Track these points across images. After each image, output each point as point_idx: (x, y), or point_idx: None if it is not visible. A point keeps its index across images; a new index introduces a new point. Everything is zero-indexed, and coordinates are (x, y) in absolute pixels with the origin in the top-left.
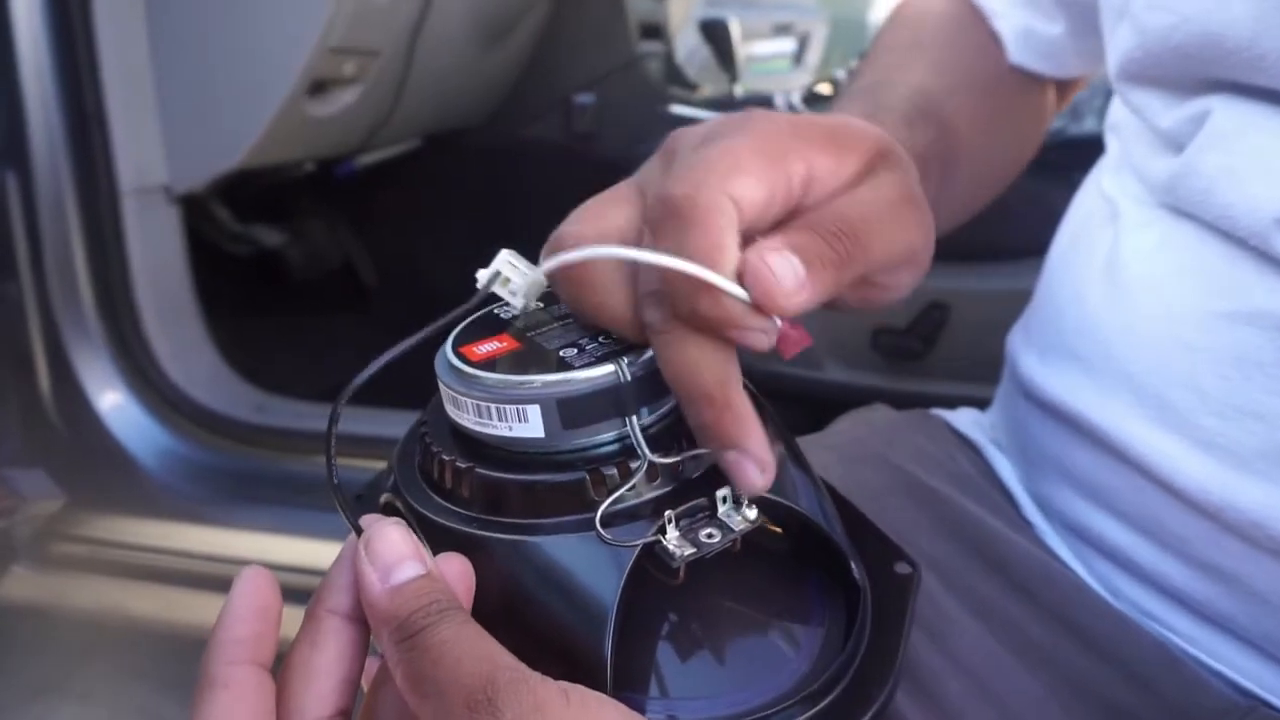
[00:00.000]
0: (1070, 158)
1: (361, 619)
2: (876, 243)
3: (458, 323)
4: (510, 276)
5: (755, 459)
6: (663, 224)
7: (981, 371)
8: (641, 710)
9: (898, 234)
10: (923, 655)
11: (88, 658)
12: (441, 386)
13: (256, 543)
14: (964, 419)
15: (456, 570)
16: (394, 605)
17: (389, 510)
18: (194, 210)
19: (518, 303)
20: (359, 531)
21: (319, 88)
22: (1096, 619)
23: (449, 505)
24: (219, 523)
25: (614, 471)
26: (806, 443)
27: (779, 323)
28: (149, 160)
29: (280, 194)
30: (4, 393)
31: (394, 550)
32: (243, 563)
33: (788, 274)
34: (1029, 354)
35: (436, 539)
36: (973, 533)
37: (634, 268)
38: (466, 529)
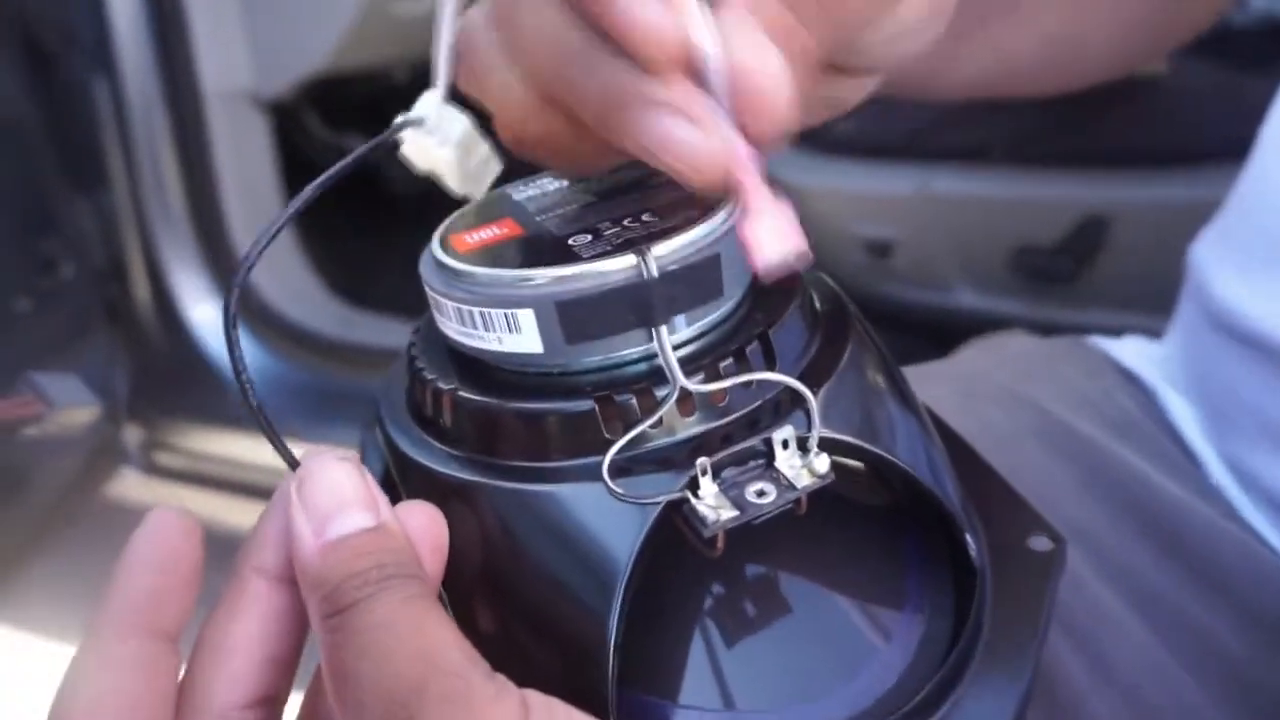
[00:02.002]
0: (1275, 45)
1: (295, 581)
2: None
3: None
4: (426, 115)
5: (667, 104)
6: None
7: (1149, 300)
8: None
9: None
10: (1062, 662)
11: (206, 567)
12: (424, 286)
13: None
14: (1130, 350)
15: (422, 524)
16: (325, 567)
17: (373, 444)
18: (286, 121)
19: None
20: (294, 466)
21: None
22: None
23: (430, 440)
24: (309, 439)
25: (632, 400)
26: (918, 373)
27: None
28: (233, 62)
29: (378, 105)
30: (102, 302)
31: (335, 494)
32: None
33: (782, 81)
34: (1224, 269)
35: (413, 480)
36: (1139, 497)
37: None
38: (444, 469)
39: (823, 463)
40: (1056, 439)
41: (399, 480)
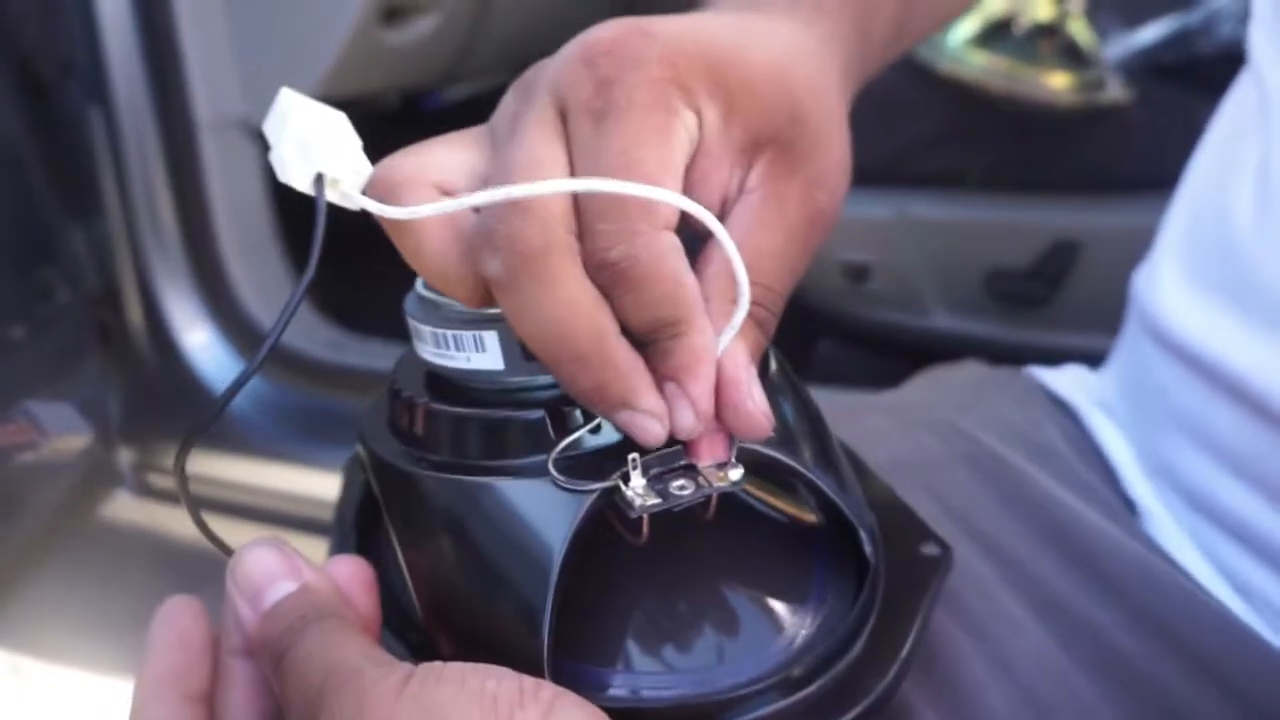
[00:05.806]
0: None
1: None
2: (787, 286)
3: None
4: (339, 174)
5: (650, 412)
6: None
7: (1117, 322)
8: (596, 684)
9: (802, 263)
10: (966, 659)
11: (198, 584)
12: (406, 317)
13: (335, 485)
14: (1066, 379)
15: (350, 570)
16: (264, 632)
17: (356, 455)
18: None
19: (354, 203)
20: (228, 553)
21: (394, 14)
22: (1214, 634)
23: (406, 447)
24: (301, 461)
25: (576, 411)
26: (865, 401)
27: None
28: (225, 89)
29: (369, 129)
30: (96, 327)
31: (262, 570)
32: (323, 505)
33: (764, 409)
34: (1160, 285)
35: (389, 481)
36: (1051, 515)
37: (466, 219)
38: (415, 469)
39: (737, 472)
40: (982, 463)
41: (377, 484)
